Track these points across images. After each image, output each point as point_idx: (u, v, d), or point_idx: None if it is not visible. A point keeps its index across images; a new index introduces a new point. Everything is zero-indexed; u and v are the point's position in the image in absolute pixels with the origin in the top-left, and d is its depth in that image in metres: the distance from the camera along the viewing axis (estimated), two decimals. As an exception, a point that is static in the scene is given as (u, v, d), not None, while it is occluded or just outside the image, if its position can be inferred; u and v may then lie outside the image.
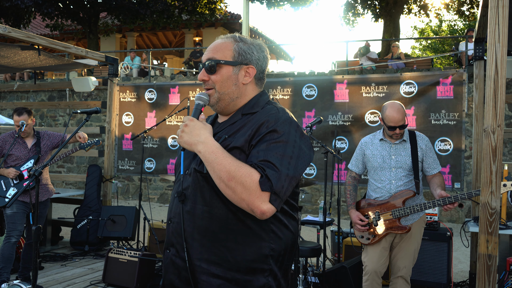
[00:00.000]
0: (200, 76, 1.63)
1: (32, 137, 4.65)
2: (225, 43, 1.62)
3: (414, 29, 30.30)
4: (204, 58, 1.64)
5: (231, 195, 1.41)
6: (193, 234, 1.53)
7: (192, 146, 1.49)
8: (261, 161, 1.42)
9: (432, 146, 3.51)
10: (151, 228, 5.42)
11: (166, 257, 1.62)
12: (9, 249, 4.31)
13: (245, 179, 1.39)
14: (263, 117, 1.52)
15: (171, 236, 1.60)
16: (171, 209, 1.64)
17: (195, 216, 1.53)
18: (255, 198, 1.39)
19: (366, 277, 3.38)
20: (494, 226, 2.72)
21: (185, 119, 1.55)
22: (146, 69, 13.49)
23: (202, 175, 1.52)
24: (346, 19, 19.56)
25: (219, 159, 1.43)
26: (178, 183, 1.62)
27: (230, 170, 1.40)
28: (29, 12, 16.48)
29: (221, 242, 1.50)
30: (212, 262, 1.50)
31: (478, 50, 4.52)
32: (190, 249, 1.52)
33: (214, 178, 1.44)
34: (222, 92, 1.61)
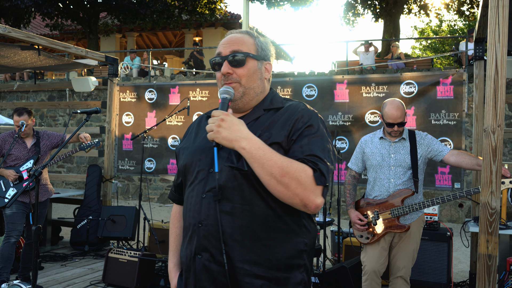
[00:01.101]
0: (225, 69, 1.54)
1: (32, 137, 4.65)
2: (246, 37, 1.58)
3: (414, 29, 30.33)
4: (225, 50, 1.56)
5: (283, 191, 1.37)
6: (234, 235, 1.44)
7: (233, 142, 1.39)
8: (308, 156, 1.42)
9: (432, 136, 3.49)
10: (151, 228, 5.42)
11: (198, 263, 1.49)
12: (8, 249, 4.31)
13: (300, 174, 1.37)
14: (296, 112, 1.52)
15: (203, 240, 1.48)
16: (198, 212, 1.50)
17: (235, 216, 1.45)
18: (310, 192, 1.37)
19: (365, 277, 3.38)
20: (494, 226, 2.72)
21: (218, 113, 1.44)
22: (146, 69, 13.49)
23: (242, 172, 1.45)
24: (346, 19, 19.57)
25: (268, 155, 1.37)
26: (201, 183, 1.52)
27: (283, 166, 1.36)
28: (29, 12, 16.49)
29: (262, 241, 1.45)
30: (254, 262, 1.44)
31: (478, 50, 4.52)
32: (231, 251, 1.44)
33: (263, 175, 1.38)
34: (248, 87, 1.55)
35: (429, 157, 3.42)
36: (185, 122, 6.40)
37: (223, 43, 1.59)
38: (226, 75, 1.54)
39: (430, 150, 3.40)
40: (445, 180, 5.06)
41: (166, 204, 11.23)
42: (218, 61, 1.57)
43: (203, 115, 1.76)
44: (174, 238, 1.77)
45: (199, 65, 14.47)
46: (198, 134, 1.65)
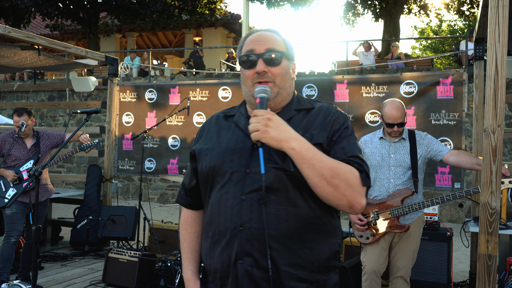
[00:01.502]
0: (261, 67, 1.48)
1: (32, 137, 4.65)
2: (276, 36, 1.55)
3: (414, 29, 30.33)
4: (260, 48, 1.50)
5: (331, 192, 1.35)
6: (279, 238, 1.39)
7: (281, 142, 1.34)
8: (351, 157, 1.42)
9: (431, 136, 3.49)
10: (151, 228, 5.42)
11: (240, 269, 1.41)
12: (8, 249, 4.32)
13: (349, 176, 1.36)
14: (331, 113, 1.51)
15: (245, 245, 1.40)
16: (238, 214, 1.42)
17: (280, 218, 1.40)
18: (357, 194, 1.38)
19: (365, 277, 3.38)
20: (494, 226, 2.72)
21: (262, 112, 1.38)
22: (146, 69, 13.49)
23: (288, 173, 1.41)
24: (346, 19, 19.57)
25: (318, 156, 1.35)
26: (237, 185, 1.45)
27: (333, 167, 1.35)
28: (29, 12, 16.49)
29: (305, 243, 1.42)
30: (298, 265, 1.41)
31: (478, 50, 4.52)
32: (276, 255, 1.39)
33: (313, 176, 1.34)
34: (281, 87, 1.51)
35: (429, 157, 3.42)
36: (185, 122, 6.40)
37: (255, 40, 1.52)
38: (262, 74, 1.49)
39: (430, 150, 3.40)
40: (445, 180, 5.06)
41: (166, 204, 11.23)
42: (252, 59, 1.50)
43: (218, 114, 1.68)
44: (188, 245, 1.68)
45: (199, 65, 14.47)
46: (220, 134, 1.58)
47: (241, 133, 1.52)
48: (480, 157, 3.20)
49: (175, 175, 6.11)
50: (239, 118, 1.58)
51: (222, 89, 6.19)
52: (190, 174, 1.66)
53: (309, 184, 1.38)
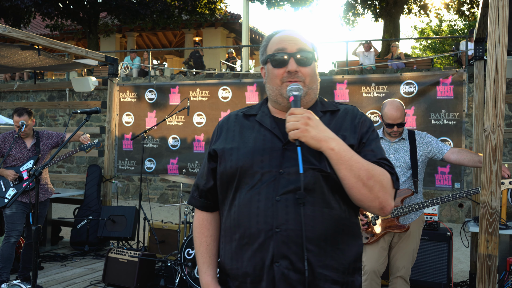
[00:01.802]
0: (293, 66, 1.46)
1: (32, 137, 4.64)
2: (305, 37, 1.54)
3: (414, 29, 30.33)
4: (291, 47, 1.48)
5: (366, 194, 1.36)
6: (314, 240, 1.38)
7: (321, 142, 1.33)
8: (380, 159, 1.44)
9: (431, 135, 3.49)
10: (151, 228, 5.42)
11: (277, 272, 1.37)
12: (8, 249, 4.31)
13: (383, 178, 1.38)
14: (357, 116, 1.53)
15: (282, 247, 1.37)
16: (272, 216, 1.38)
17: (316, 219, 1.38)
18: (388, 196, 1.40)
19: (365, 277, 3.38)
20: (494, 226, 2.72)
21: (301, 111, 1.36)
22: (146, 69, 13.49)
23: (324, 174, 1.40)
24: (346, 19, 19.56)
25: (356, 157, 1.36)
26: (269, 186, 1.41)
27: (369, 169, 1.36)
28: (29, 12, 16.49)
29: (337, 244, 1.42)
30: (332, 267, 1.40)
31: (478, 50, 4.52)
32: (312, 257, 1.37)
33: (350, 176, 1.34)
34: (310, 87, 1.51)
35: (430, 156, 3.42)
36: (185, 122, 6.40)
37: (285, 39, 1.51)
38: (293, 73, 1.47)
39: (430, 150, 3.39)
40: (445, 180, 5.06)
41: (166, 204, 11.22)
42: (283, 58, 1.48)
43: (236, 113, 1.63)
44: (205, 248, 1.61)
45: (199, 65, 14.47)
46: (243, 133, 1.53)
47: (267, 133, 1.49)
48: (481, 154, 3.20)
49: (175, 175, 6.11)
50: (262, 117, 1.54)
51: (222, 89, 6.19)
52: (207, 175, 1.60)
53: (345, 185, 1.37)
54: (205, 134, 6.29)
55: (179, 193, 5.16)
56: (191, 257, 4.27)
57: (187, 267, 4.24)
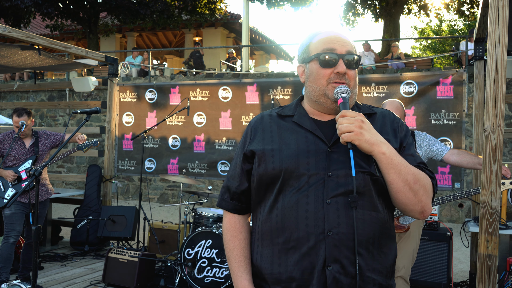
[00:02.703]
0: (343, 68, 1.44)
1: (31, 137, 4.64)
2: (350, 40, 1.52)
3: (414, 29, 30.33)
4: (341, 49, 1.46)
5: (411, 198, 1.38)
6: (364, 243, 1.38)
7: (373, 146, 1.33)
8: (420, 163, 1.45)
9: (431, 136, 3.48)
10: (151, 228, 5.42)
11: (329, 276, 1.35)
12: (7, 249, 4.31)
13: (426, 182, 1.40)
14: (394, 120, 1.53)
15: (334, 251, 1.35)
16: (323, 219, 1.36)
17: (365, 222, 1.38)
18: (429, 200, 1.41)
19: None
20: (494, 226, 2.72)
21: (354, 113, 1.35)
22: (146, 69, 13.49)
23: (373, 177, 1.40)
24: (346, 19, 19.56)
25: (404, 162, 1.37)
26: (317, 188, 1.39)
27: (415, 173, 1.38)
28: (29, 12, 16.48)
29: (381, 248, 1.42)
30: (378, 271, 1.41)
31: (478, 50, 4.52)
32: (362, 261, 1.37)
33: (398, 180, 1.36)
34: (353, 91, 1.49)
35: (429, 156, 3.42)
36: (185, 122, 6.40)
37: (334, 40, 1.48)
38: (341, 75, 1.45)
39: (430, 150, 3.39)
40: (445, 180, 5.06)
41: (166, 204, 11.23)
42: (333, 58, 1.46)
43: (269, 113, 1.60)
44: (240, 252, 1.55)
45: (199, 65, 14.47)
46: (282, 135, 1.50)
47: (310, 135, 1.46)
48: (481, 156, 3.20)
49: (175, 175, 6.11)
50: (300, 119, 1.51)
51: (222, 89, 6.19)
52: (240, 176, 1.56)
53: (392, 189, 1.38)
54: (205, 134, 6.29)
55: (179, 193, 5.16)
56: (191, 257, 4.27)
57: (187, 267, 4.24)
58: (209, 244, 4.22)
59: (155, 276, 4.65)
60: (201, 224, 4.61)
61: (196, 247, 4.27)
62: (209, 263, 4.20)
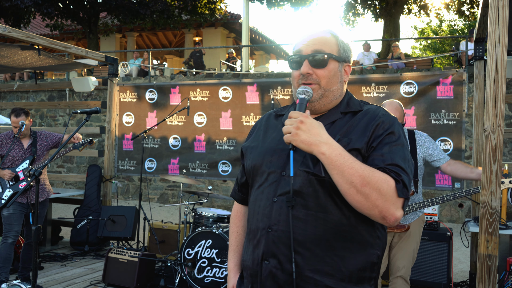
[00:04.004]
0: (305, 69, 1.46)
1: (29, 137, 4.62)
2: (329, 37, 1.50)
3: (414, 29, 30.34)
4: (306, 49, 1.47)
5: (361, 201, 1.31)
6: (305, 243, 1.38)
7: (312, 146, 1.32)
8: (389, 165, 1.34)
9: (432, 140, 3.49)
10: (151, 228, 5.42)
11: (265, 269, 1.42)
12: (6, 250, 4.31)
13: (382, 185, 1.30)
14: (376, 118, 1.44)
15: (272, 246, 1.41)
16: (268, 216, 1.43)
17: (308, 223, 1.38)
18: (391, 205, 1.30)
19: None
20: (494, 226, 2.72)
21: (296, 114, 1.36)
22: (146, 69, 13.49)
23: (319, 178, 1.38)
24: (346, 19, 19.56)
25: (349, 163, 1.30)
26: (272, 186, 1.45)
27: (364, 175, 1.29)
28: (29, 12, 16.48)
29: (335, 250, 1.39)
30: (326, 273, 1.38)
31: (478, 50, 4.52)
32: (301, 260, 1.38)
33: (342, 183, 1.31)
34: (327, 89, 1.47)
35: (428, 160, 3.43)
36: (185, 122, 6.40)
37: (304, 40, 1.50)
38: (306, 75, 1.47)
39: (430, 154, 3.41)
40: (445, 180, 5.07)
41: (166, 204, 11.23)
42: (296, 60, 1.49)
43: (270, 112, 1.67)
44: (235, 238, 1.71)
45: (199, 65, 14.47)
46: (267, 133, 1.58)
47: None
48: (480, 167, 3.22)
49: (176, 175, 6.11)
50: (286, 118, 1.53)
51: (223, 89, 6.19)
52: (242, 170, 1.70)
53: (340, 191, 1.34)
54: (206, 134, 6.29)
55: (179, 193, 5.16)
56: (191, 257, 4.27)
57: (187, 267, 4.24)
58: (209, 244, 4.23)
59: (155, 276, 4.65)
60: (201, 224, 4.61)
61: (196, 247, 4.27)
62: (209, 263, 4.20)
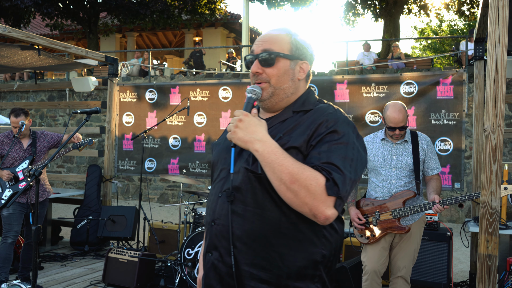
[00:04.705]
0: (254, 68, 1.51)
1: (28, 137, 4.61)
2: (281, 35, 1.53)
3: (414, 29, 30.33)
4: (257, 49, 1.52)
5: (292, 198, 1.32)
6: (242, 238, 1.42)
7: (247, 143, 1.36)
8: (324, 163, 1.34)
9: (433, 147, 3.51)
10: (151, 228, 5.42)
11: (208, 261, 1.50)
12: (6, 250, 4.30)
13: (310, 183, 1.30)
14: (321, 116, 1.44)
15: (214, 239, 1.48)
16: (214, 210, 1.50)
17: (246, 218, 1.42)
18: (320, 203, 1.31)
19: (365, 277, 3.38)
20: (494, 226, 2.72)
21: (238, 113, 1.40)
22: (146, 69, 13.49)
23: (256, 175, 1.41)
24: (346, 19, 19.56)
25: (280, 160, 1.32)
26: (220, 182, 1.52)
27: (293, 172, 1.30)
28: (29, 12, 16.48)
29: (273, 247, 1.41)
30: (262, 267, 1.41)
31: (478, 50, 4.52)
32: (238, 254, 1.42)
33: (273, 179, 1.34)
34: (277, 87, 1.50)
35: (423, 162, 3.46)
36: (185, 122, 6.40)
37: (257, 40, 1.55)
38: (256, 74, 1.51)
39: (426, 161, 3.43)
40: (445, 180, 5.07)
41: (166, 204, 11.23)
42: (249, 59, 1.54)
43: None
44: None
45: (199, 65, 14.47)
46: None
47: None
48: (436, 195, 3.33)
49: (176, 175, 6.11)
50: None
51: (223, 89, 6.19)
52: None
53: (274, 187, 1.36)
54: (206, 134, 6.29)
55: (179, 193, 5.16)
56: (191, 257, 4.27)
57: (187, 267, 4.24)
58: (209, 244, 4.22)
59: (155, 276, 4.64)
60: (201, 224, 4.61)
61: (196, 247, 4.27)
62: (209, 263, 4.19)
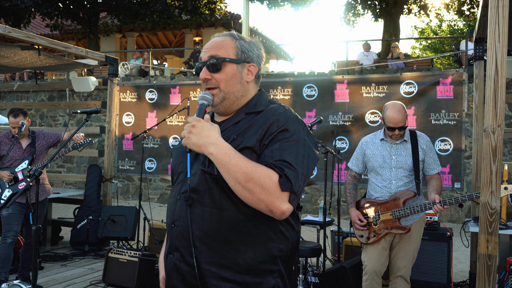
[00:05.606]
0: (203, 75, 1.56)
1: (27, 137, 4.61)
2: (226, 41, 1.58)
3: (414, 29, 30.33)
4: (204, 56, 1.57)
5: (248, 196, 1.37)
6: (202, 238, 1.47)
7: (201, 147, 1.42)
8: (277, 161, 1.40)
9: (433, 147, 3.51)
10: (151, 228, 5.42)
11: (169, 262, 1.55)
12: (5, 249, 4.30)
13: (264, 180, 1.35)
14: (272, 116, 1.49)
15: (175, 240, 1.53)
16: (173, 212, 1.55)
17: (204, 219, 1.47)
18: (275, 198, 1.36)
19: (366, 276, 3.38)
20: (494, 226, 2.72)
21: (191, 119, 1.46)
22: (146, 69, 13.49)
23: (212, 177, 1.46)
24: (346, 19, 19.56)
25: (234, 161, 1.38)
26: (179, 185, 1.57)
27: (247, 172, 1.36)
28: (29, 12, 16.48)
29: (231, 245, 1.46)
30: (222, 265, 1.46)
31: (478, 50, 4.52)
32: (199, 253, 1.47)
33: (229, 180, 1.39)
34: (227, 91, 1.55)
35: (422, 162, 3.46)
36: (186, 122, 6.40)
37: (204, 48, 1.60)
38: (205, 81, 1.56)
39: (425, 161, 3.42)
40: (445, 180, 5.07)
41: (166, 204, 11.22)
42: (198, 67, 1.59)
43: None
44: None
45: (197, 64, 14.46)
46: None
47: None
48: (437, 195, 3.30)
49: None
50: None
51: (222, 89, 6.19)
52: None
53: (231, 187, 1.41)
54: (205, 134, 6.29)
55: (179, 193, 5.16)
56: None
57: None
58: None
59: (155, 276, 4.64)
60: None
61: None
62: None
